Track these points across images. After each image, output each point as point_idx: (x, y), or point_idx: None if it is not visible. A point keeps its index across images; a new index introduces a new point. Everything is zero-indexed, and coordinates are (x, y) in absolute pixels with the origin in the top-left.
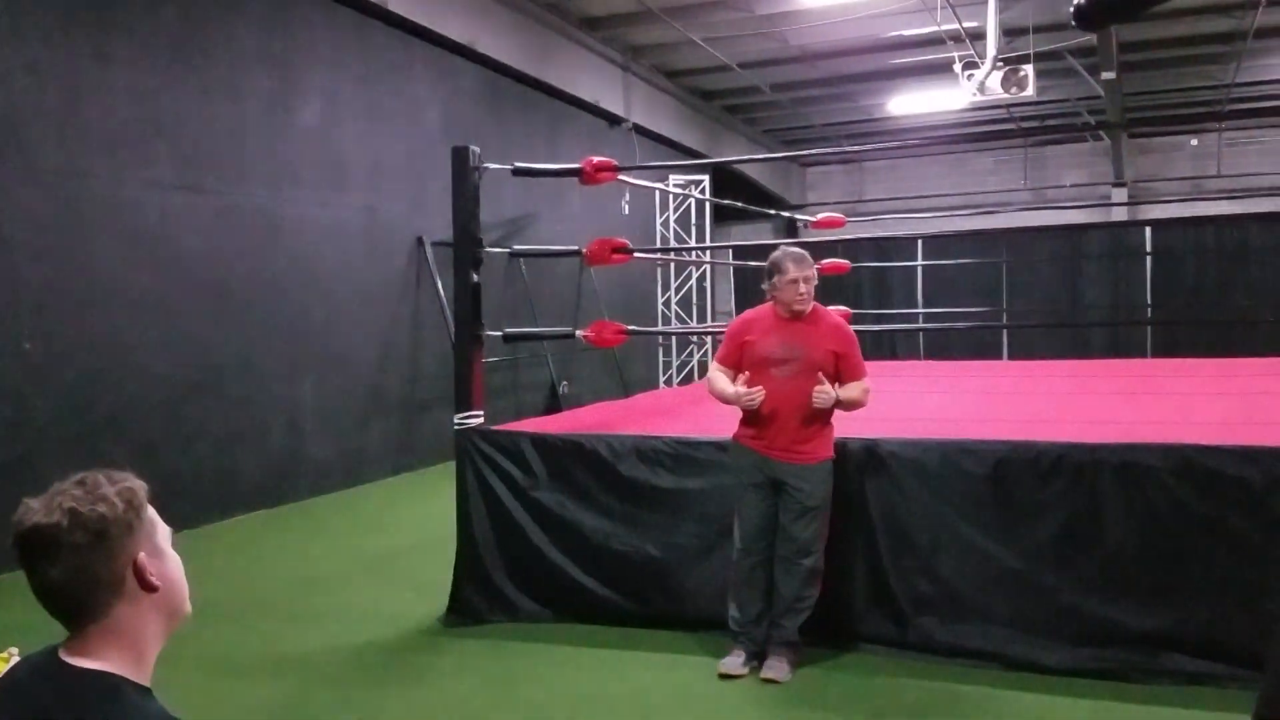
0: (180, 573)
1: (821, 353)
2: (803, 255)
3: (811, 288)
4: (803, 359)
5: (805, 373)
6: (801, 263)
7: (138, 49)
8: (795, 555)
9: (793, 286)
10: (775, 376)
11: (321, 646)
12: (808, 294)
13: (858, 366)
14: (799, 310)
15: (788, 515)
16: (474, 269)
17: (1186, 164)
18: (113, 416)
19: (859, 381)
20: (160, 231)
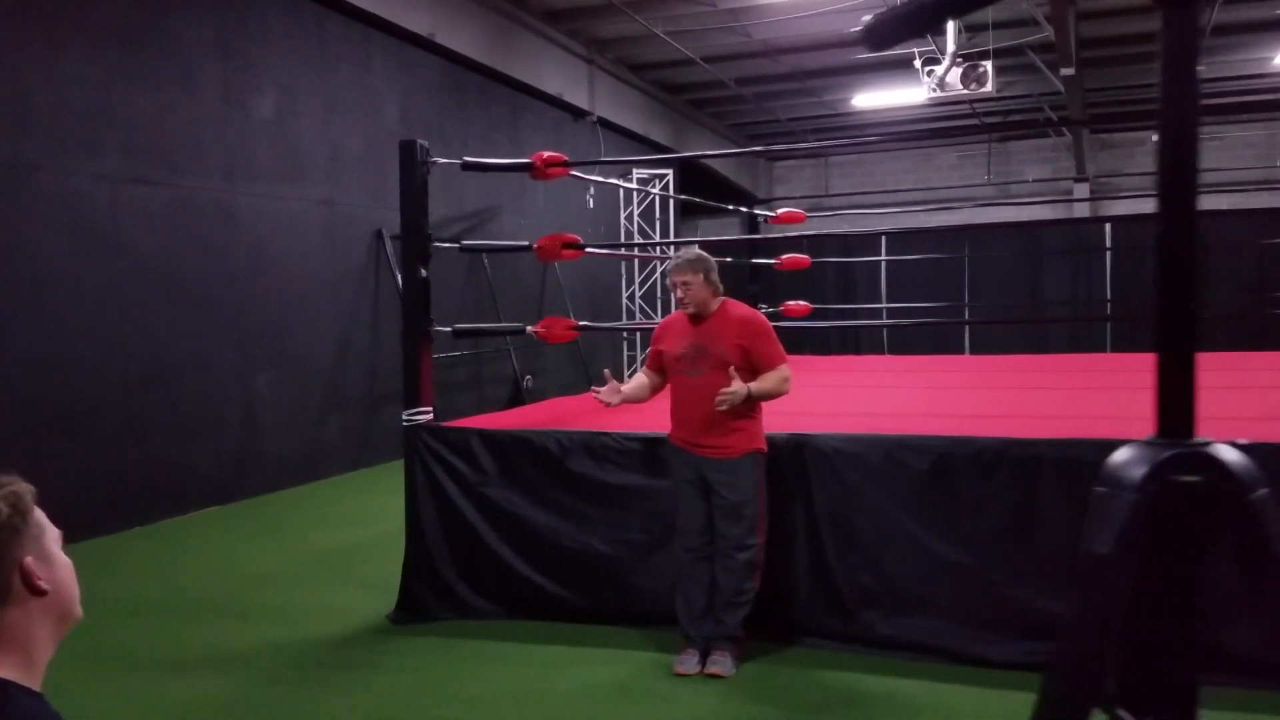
0: (71, 576)
1: (728, 348)
2: (679, 260)
3: (690, 290)
4: (711, 357)
5: (715, 370)
6: (676, 267)
7: (88, 38)
8: (731, 550)
9: (676, 290)
10: (688, 376)
11: (266, 644)
12: (685, 296)
13: (770, 356)
14: (691, 312)
15: (718, 511)
16: (423, 264)
17: (1148, 159)
18: (63, 412)
19: (774, 371)
20: (111, 224)
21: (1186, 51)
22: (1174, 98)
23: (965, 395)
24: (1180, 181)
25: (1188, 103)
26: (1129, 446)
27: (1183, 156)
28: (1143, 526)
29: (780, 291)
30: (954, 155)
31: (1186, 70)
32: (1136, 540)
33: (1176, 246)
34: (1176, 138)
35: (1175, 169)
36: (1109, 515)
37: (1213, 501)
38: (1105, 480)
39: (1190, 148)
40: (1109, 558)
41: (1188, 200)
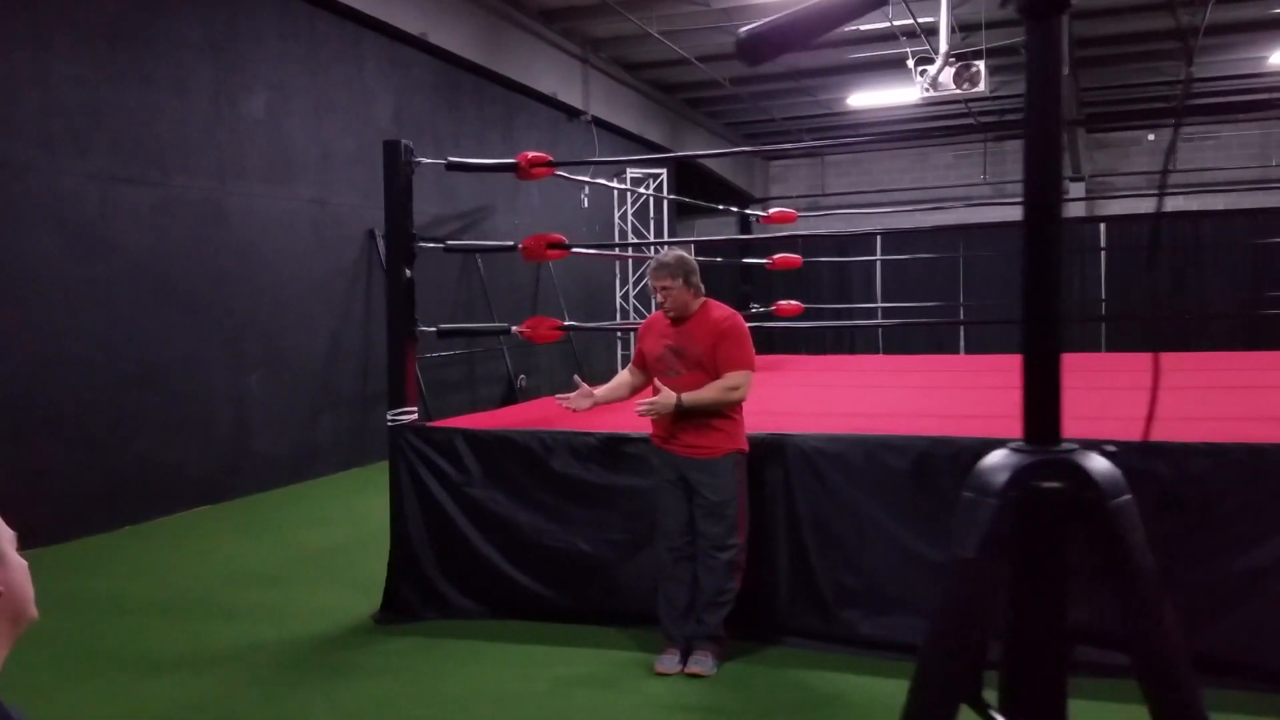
0: (25, 578)
1: (703, 350)
2: (661, 262)
3: (670, 294)
4: (688, 358)
5: (691, 372)
6: (655, 271)
7: (77, 38)
8: (711, 550)
9: (656, 294)
10: (667, 377)
11: (250, 643)
12: (665, 300)
13: (730, 359)
14: (671, 315)
15: (699, 511)
16: (407, 264)
17: (1144, 158)
18: (52, 411)
19: (723, 378)
20: (100, 224)
21: (1050, 60)
22: (1038, 106)
23: (953, 395)
24: (1045, 188)
25: (1051, 110)
26: (997, 452)
27: (1047, 163)
28: (1006, 532)
29: (776, 291)
30: (950, 155)
31: (1050, 79)
32: (1000, 545)
33: (1041, 253)
34: (1041, 144)
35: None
36: (974, 520)
37: (1074, 508)
38: (971, 485)
39: (1055, 154)
40: (973, 562)
41: (1053, 208)
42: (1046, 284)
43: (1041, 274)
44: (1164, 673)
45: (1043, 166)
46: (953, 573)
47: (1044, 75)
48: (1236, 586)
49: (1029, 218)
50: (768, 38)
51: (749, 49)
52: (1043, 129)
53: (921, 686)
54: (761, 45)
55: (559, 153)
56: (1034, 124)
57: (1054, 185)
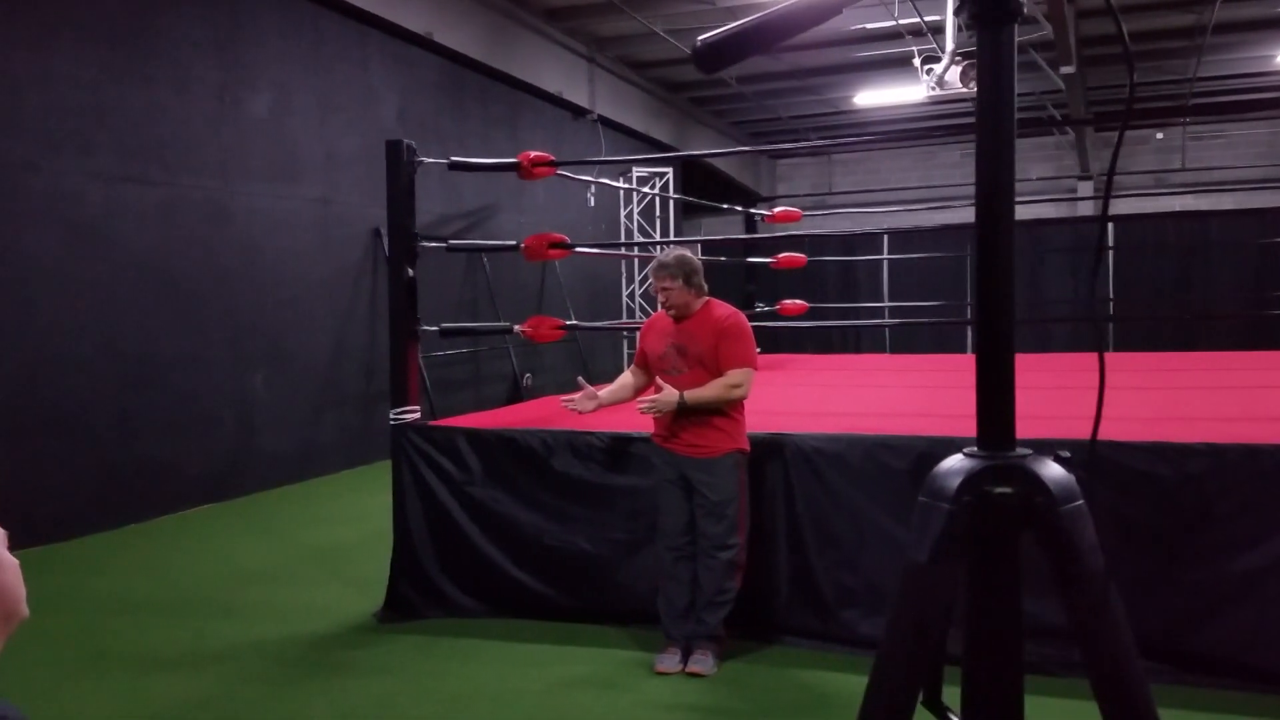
0: (17, 576)
1: (704, 348)
2: (661, 263)
3: (671, 294)
4: (690, 357)
5: (693, 370)
6: (656, 271)
7: (80, 38)
8: (711, 550)
9: (658, 293)
10: (668, 376)
11: (251, 642)
12: (666, 299)
13: (732, 357)
14: (673, 314)
15: (699, 510)
16: (410, 264)
17: (1152, 157)
18: (56, 409)
19: (725, 376)
20: (103, 222)
21: (1002, 69)
22: (990, 114)
23: (957, 395)
24: (996, 195)
25: (1004, 119)
26: (951, 457)
27: (999, 170)
28: (958, 536)
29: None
30: (957, 153)
31: (1003, 87)
32: (953, 549)
33: (993, 261)
34: (993, 150)
35: (992, 183)
36: (928, 525)
37: (1026, 513)
38: (926, 491)
39: (1007, 162)
40: (926, 566)
41: (1004, 215)
42: (998, 293)
43: (992, 283)
44: (1113, 674)
45: (994, 176)
46: (907, 577)
47: (996, 83)
48: (1235, 587)
49: (981, 227)
50: (725, 46)
51: (706, 57)
52: (994, 138)
53: (877, 688)
54: (719, 53)
55: (565, 152)
56: (985, 133)
57: (1005, 195)
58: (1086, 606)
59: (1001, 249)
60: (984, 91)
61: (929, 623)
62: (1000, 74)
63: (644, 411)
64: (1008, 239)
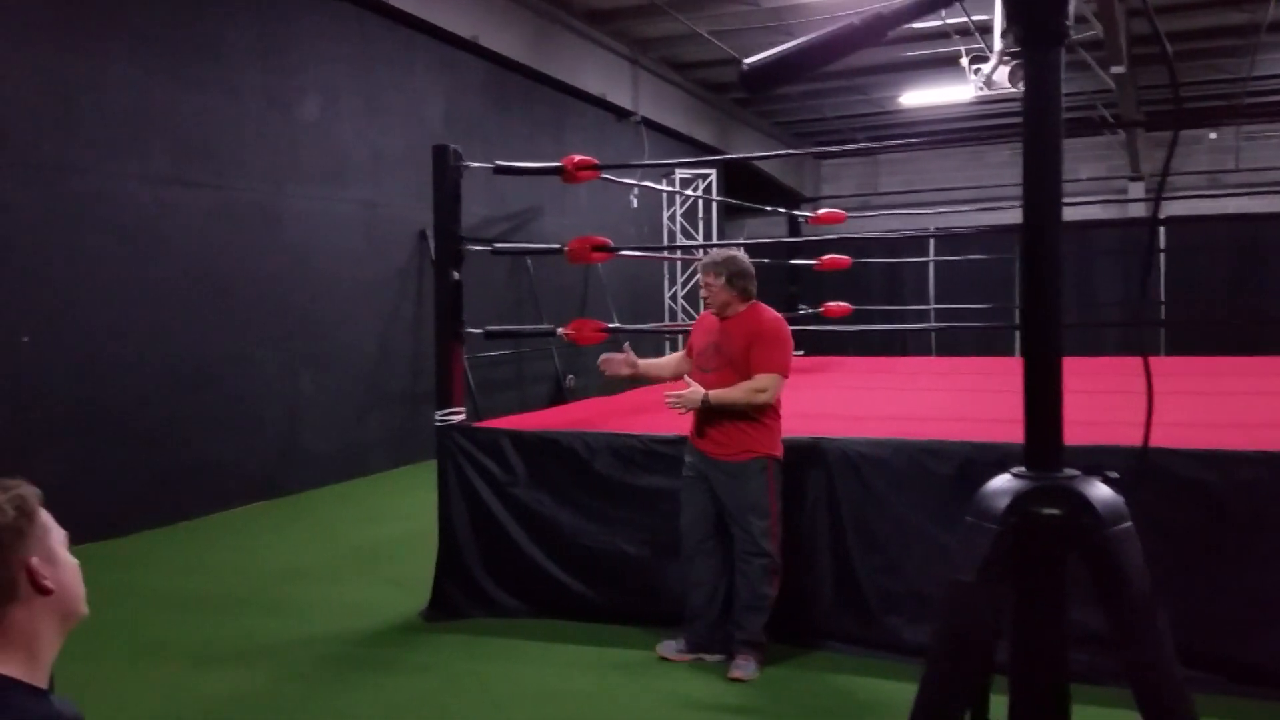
0: (76, 576)
1: (737, 349)
2: (707, 259)
3: (712, 291)
4: (725, 356)
5: (725, 370)
6: (702, 266)
7: (134, 43)
8: (745, 554)
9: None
10: (702, 373)
11: (299, 638)
12: (709, 297)
13: (761, 361)
14: (715, 311)
15: (725, 513)
16: (455, 267)
17: (1204, 158)
18: (110, 409)
19: (752, 380)
20: (155, 226)
21: (1049, 91)
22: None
23: (1001, 398)
24: (1043, 224)
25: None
26: (999, 477)
27: (1045, 200)
28: (1005, 556)
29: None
30: (1006, 152)
31: (1050, 108)
32: (999, 569)
33: (1042, 287)
34: (1038, 175)
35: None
36: (974, 545)
37: (1073, 535)
38: (973, 510)
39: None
40: (973, 586)
41: (1050, 244)
42: (1045, 323)
43: (1039, 313)
44: (1157, 697)
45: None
46: (952, 595)
47: (1042, 105)
48: None
49: (1028, 253)
50: (771, 70)
51: (753, 79)
52: (1040, 163)
53: (923, 706)
54: (766, 76)
55: (608, 154)
56: (1032, 157)
57: (1052, 224)
58: (1132, 629)
59: (1047, 279)
60: (1030, 114)
61: (974, 641)
62: (1047, 96)
63: (670, 406)
64: (1054, 269)
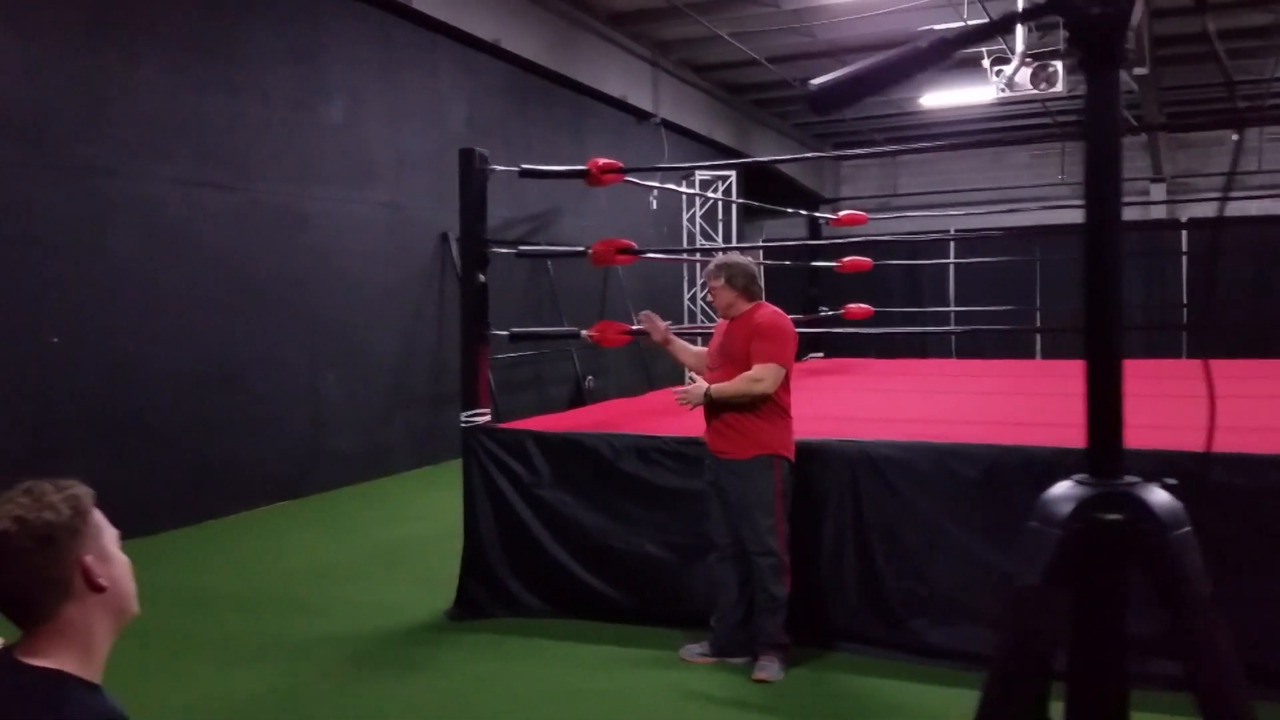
0: (128, 573)
1: (739, 347)
2: (710, 266)
3: (717, 292)
4: (727, 354)
5: (728, 367)
6: (707, 271)
7: (163, 47)
8: (753, 554)
9: None
10: (709, 373)
11: (325, 636)
12: (714, 300)
13: (757, 353)
14: (721, 313)
15: (734, 512)
16: (481, 269)
17: (1226, 159)
18: (136, 409)
19: (750, 370)
20: (184, 226)
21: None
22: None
23: (1025, 401)
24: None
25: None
26: (1062, 484)
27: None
28: (1068, 561)
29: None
30: (1026, 154)
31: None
32: (1062, 573)
33: (1104, 296)
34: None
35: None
36: (1038, 549)
37: (1134, 540)
38: (1036, 516)
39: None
40: (1036, 590)
41: (1113, 249)
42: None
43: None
44: (1219, 700)
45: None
46: (1016, 600)
47: (1104, 125)
48: None
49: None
50: (838, 90)
51: (820, 100)
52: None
53: (987, 710)
54: (831, 98)
55: (628, 155)
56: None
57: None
58: (1193, 632)
59: (1109, 286)
60: (1092, 132)
61: (1038, 646)
62: (1108, 114)
63: (678, 403)
64: (1115, 277)
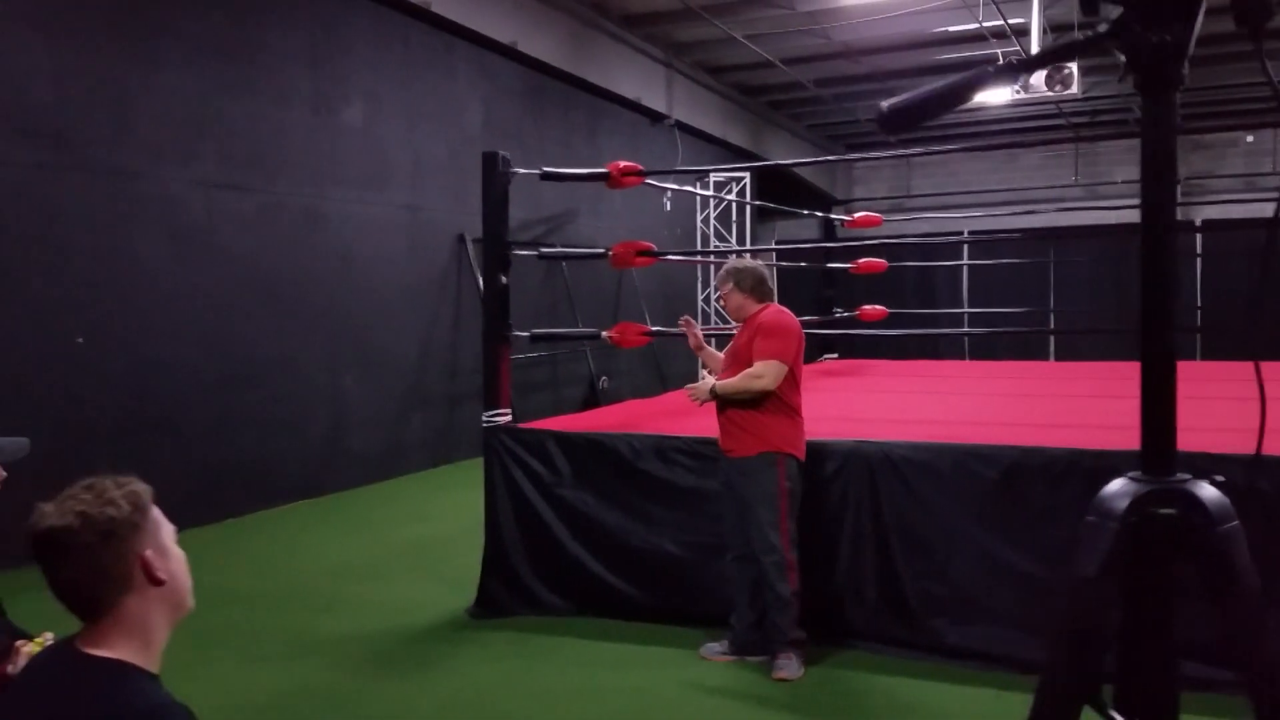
0: (184, 568)
1: (744, 347)
2: (719, 274)
3: (727, 296)
4: (735, 356)
5: (734, 367)
6: (718, 282)
7: (187, 51)
8: (758, 551)
9: None
10: (721, 375)
11: (350, 634)
12: (725, 305)
13: (759, 350)
14: (733, 316)
15: (740, 510)
16: (503, 271)
17: (1240, 161)
18: (160, 408)
19: (750, 368)
20: (206, 229)
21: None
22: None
23: (1041, 403)
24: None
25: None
26: (1117, 480)
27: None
28: (1124, 553)
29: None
30: (1039, 155)
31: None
32: (1118, 565)
33: (1159, 302)
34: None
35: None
36: (1096, 542)
37: (1186, 533)
38: (1094, 511)
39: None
40: (1094, 580)
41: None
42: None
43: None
44: (1271, 688)
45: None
46: (1074, 590)
47: (1159, 145)
48: None
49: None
50: (908, 112)
51: (891, 121)
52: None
53: (1046, 691)
54: (902, 118)
55: (642, 157)
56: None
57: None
58: (1242, 624)
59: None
60: (1148, 150)
61: (1095, 633)
62: (1164, 134)
63: (689, 399)
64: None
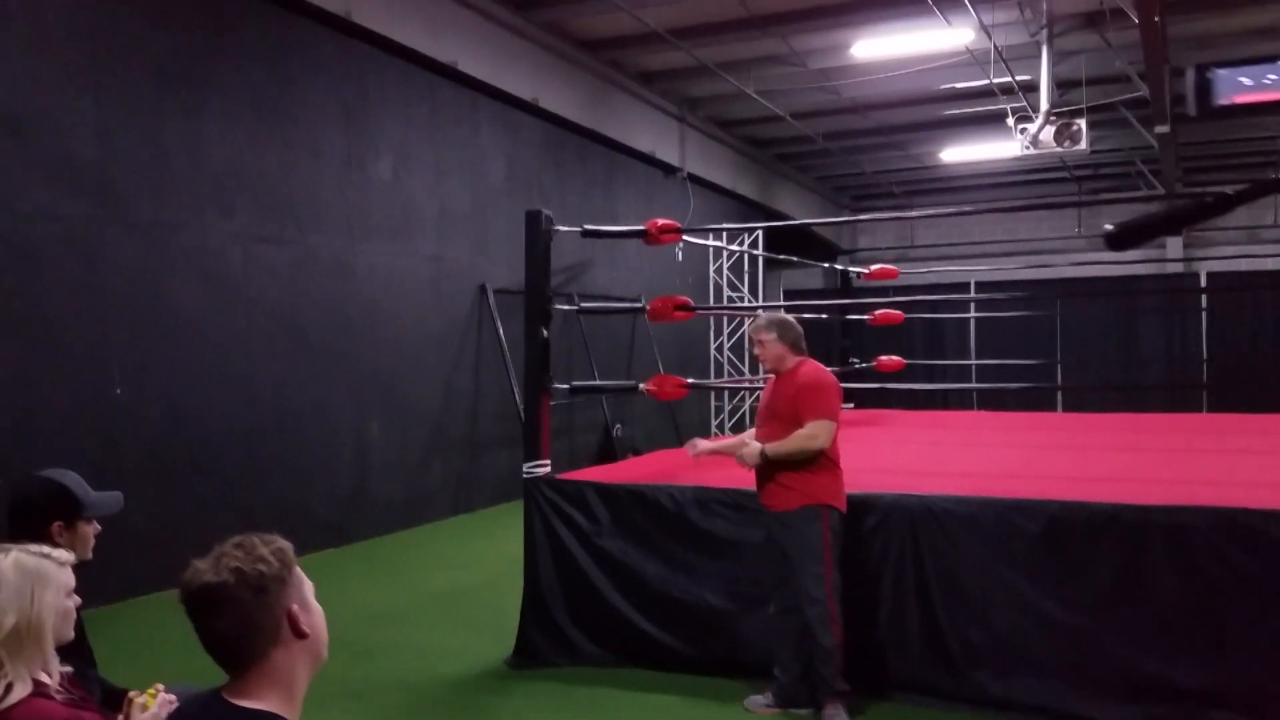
0: (323, 622)
1: (785, 403)
2: (757, 322)
3: (765, 348)
4: (776, 412)
5: (775, 424)
6: (753, 326)
7: (225, 107)
8: (801, 604)
9: (754, 347)
10: (760, 428)
11: (390, 681)
12: (760, 354)
13: (807, 410)
14: (771, 367)
15: (785, 563)
16: (544, 324)
17: (1242, 214)
18: (193, 455)
19: (802, 428)
20: (242, 279)
21: None
22: None
23: (1067, 456)
24: None
25: None
26: None
27: None
28: None
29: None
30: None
31: None
32: None
33: None
34: None
35: None
36: None
37: None
38: None
39: None
40: None
41: None
42: None
43: None
44: None
45: None
46: None
47: None
48: None
49: None
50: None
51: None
52: None
53: None
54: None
55: (656, 208)
56: None
57: None
58: None
59: None
60: None
61: None
62: None
63: (740, 463)
64: None
